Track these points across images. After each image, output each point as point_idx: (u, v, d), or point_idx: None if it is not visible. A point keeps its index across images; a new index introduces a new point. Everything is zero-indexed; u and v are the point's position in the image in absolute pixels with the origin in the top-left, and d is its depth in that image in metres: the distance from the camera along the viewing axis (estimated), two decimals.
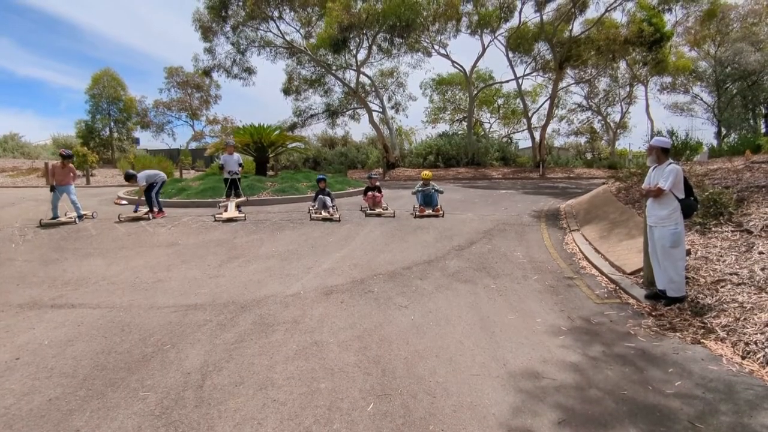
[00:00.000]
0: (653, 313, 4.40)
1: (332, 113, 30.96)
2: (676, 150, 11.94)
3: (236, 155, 11.50)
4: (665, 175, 4.45)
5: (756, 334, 3.57)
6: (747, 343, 3.51)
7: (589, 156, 36.25)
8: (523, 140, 47.82)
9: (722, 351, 3.53)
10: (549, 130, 30.99)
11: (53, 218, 9.11)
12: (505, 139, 36.89)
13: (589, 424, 2.68)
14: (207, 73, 27.93)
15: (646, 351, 3.64)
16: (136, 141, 38.27)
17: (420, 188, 10.45)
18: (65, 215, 9.34)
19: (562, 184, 19.72)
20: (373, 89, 30.11)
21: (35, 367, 3.48)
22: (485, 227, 8.78)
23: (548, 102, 28.65)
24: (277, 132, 17.98)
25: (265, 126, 17.03)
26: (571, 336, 3.97)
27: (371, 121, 28.05)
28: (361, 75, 27.90)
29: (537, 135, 28.83)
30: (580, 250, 6.86)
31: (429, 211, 9.97)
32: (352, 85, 28.03)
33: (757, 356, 3.34)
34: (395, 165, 27.35)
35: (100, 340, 3.97)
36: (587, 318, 4.39)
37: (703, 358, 3.47)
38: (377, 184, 10.99)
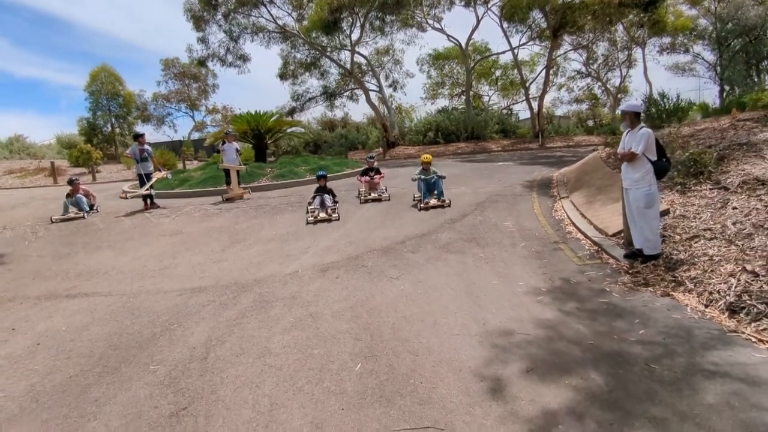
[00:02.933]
0: (630, 271, 4.63)
1: (330, 95, 30.79)
2: (668, 113, 11.94)
3: (235, 144, 11.73)
4: (637, 139, 4.63)
5: (720, 283, 3.80)
6: (711, 293, 3.74)
7: (591, 123, 35.92)
8: (523, 111, 47.28)
9: (688, 301, 3.77)
10: (549, 99, 30.76)
11: (63, 214, 9.61)
12: (504, 111, 36.60)
13: (555, 371, 2.95)
14: (202, 63, 27.79)
15: (618, 305, 3.89)
16: None
17: (420, 175, 9.13)
18: (73, 211, 9.82)
19: (559, 153, 19.75)
20: (369, 69, 29.89)
21: (55, 350, 3.82)
22: (478, 200, 8.98)
23: (545, 71, 28.35)
24: (274, 118, 18.14)
25: (262, 113, 17.21)
26: (550, 296, 4.23)
27: (368, 101, 27.94)
28: (356, 55, 27.69)
29: (536, 105, 28.62)
30: (567, 216, 7.06)
31: (434, 202, 8.69)
32: (348, 65, 27.87)
33: (719, 303, 3.58)
34: (395, 144, 27.33)
35: (112, 324, 4.30)
36: (567, 279, 4.65)
37: (668, 308, 3.72)
38: (375, 165, 10.62)
